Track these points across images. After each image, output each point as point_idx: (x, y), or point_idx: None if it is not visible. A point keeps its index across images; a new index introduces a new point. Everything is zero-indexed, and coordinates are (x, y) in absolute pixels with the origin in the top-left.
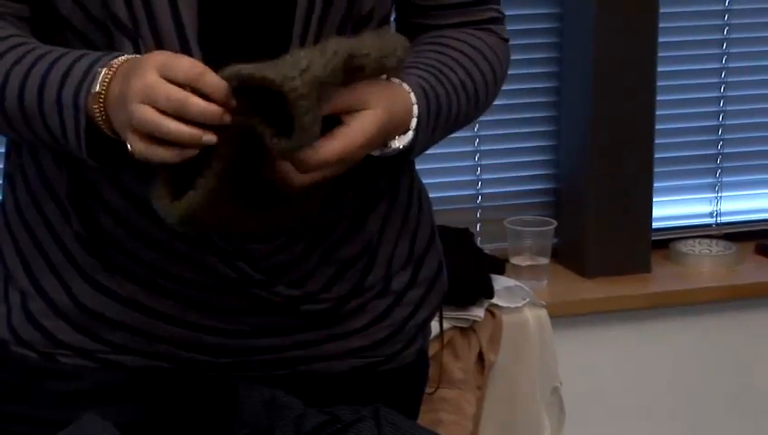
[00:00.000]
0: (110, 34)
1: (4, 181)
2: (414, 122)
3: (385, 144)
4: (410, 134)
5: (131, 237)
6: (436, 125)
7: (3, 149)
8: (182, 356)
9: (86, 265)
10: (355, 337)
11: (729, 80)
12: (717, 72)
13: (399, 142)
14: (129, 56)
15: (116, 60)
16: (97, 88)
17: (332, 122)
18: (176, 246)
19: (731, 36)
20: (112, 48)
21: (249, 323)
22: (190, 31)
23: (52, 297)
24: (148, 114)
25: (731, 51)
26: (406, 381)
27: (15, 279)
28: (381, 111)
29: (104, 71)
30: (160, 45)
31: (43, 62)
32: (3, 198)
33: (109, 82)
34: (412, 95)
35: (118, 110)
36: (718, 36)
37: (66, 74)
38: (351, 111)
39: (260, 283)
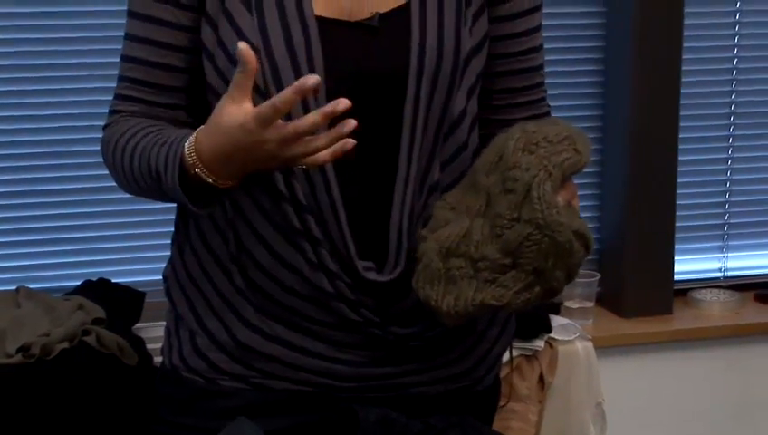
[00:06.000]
0: None
1: (173, 247)
2: None
3: None
4: None
5: (278, 288)
6: None
7: None
8: (316, 381)
9: (241, 310)
10: (449, 366)
11: (735, 166)
12: (724, 160)
13: None
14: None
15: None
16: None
17: None
18: (313, 295)
19: (737, 122)
20: None
21: (366, 355)
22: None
23: (214, 335)
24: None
25: (737, 133)
26: (485, 399)
27: (185, 320)
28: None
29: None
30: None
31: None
32: (172, 258)
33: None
34: None
35: (231, 161)
36: (725, 122)
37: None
38: None
39: (377, 324)
